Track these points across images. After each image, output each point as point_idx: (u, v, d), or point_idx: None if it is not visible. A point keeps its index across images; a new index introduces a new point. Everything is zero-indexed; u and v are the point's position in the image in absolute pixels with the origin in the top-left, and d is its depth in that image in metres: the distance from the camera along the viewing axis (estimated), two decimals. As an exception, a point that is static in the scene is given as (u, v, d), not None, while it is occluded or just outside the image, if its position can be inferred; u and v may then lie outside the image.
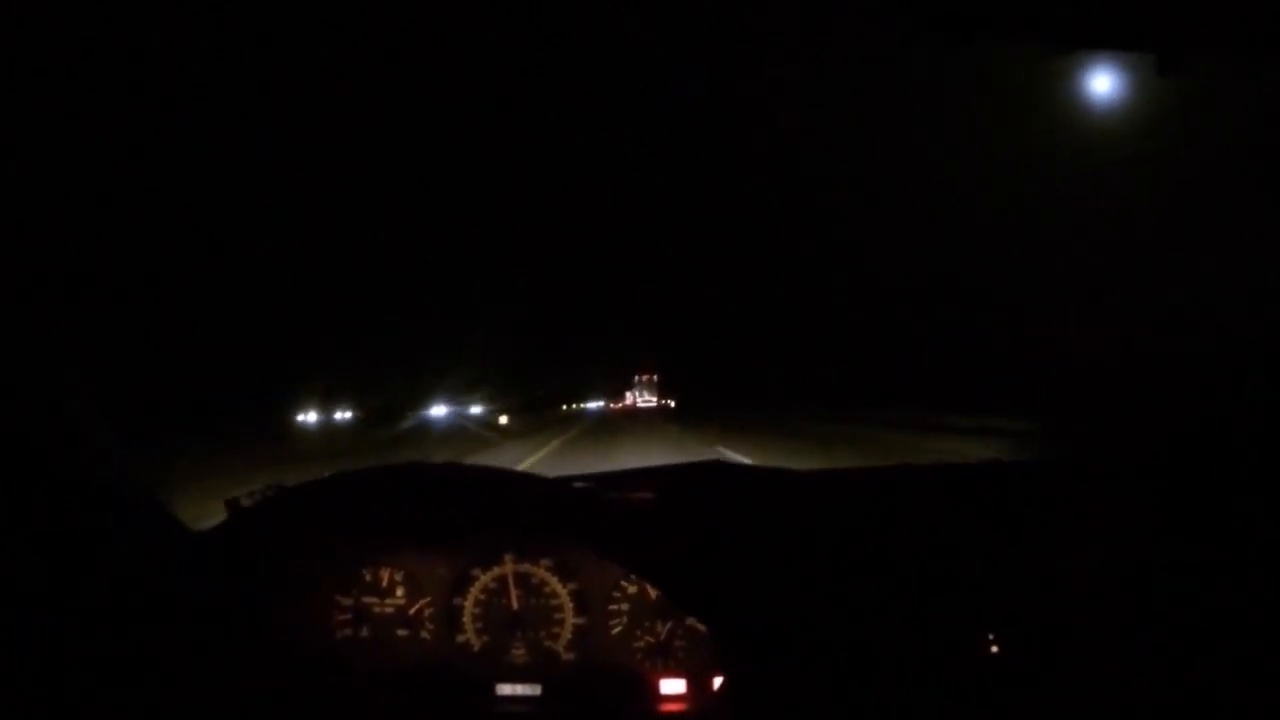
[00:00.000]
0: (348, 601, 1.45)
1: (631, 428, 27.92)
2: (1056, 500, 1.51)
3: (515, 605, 1.43)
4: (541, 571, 1.43)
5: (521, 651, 1.43)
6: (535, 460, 14.33)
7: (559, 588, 1.43)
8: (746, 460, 11.95)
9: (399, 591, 1.45)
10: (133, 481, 1.34)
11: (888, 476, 1.76)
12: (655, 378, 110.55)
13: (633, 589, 1.42)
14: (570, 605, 1.42)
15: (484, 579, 1.43)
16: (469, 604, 1.44)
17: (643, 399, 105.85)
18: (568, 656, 1.43)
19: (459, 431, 26.47)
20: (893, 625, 1.27)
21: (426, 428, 29.46)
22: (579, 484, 1.55)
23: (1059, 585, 1.33)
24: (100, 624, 1.19)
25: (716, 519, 1.41)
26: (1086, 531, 1.40)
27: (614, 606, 1.42)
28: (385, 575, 1.45)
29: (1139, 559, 1.34)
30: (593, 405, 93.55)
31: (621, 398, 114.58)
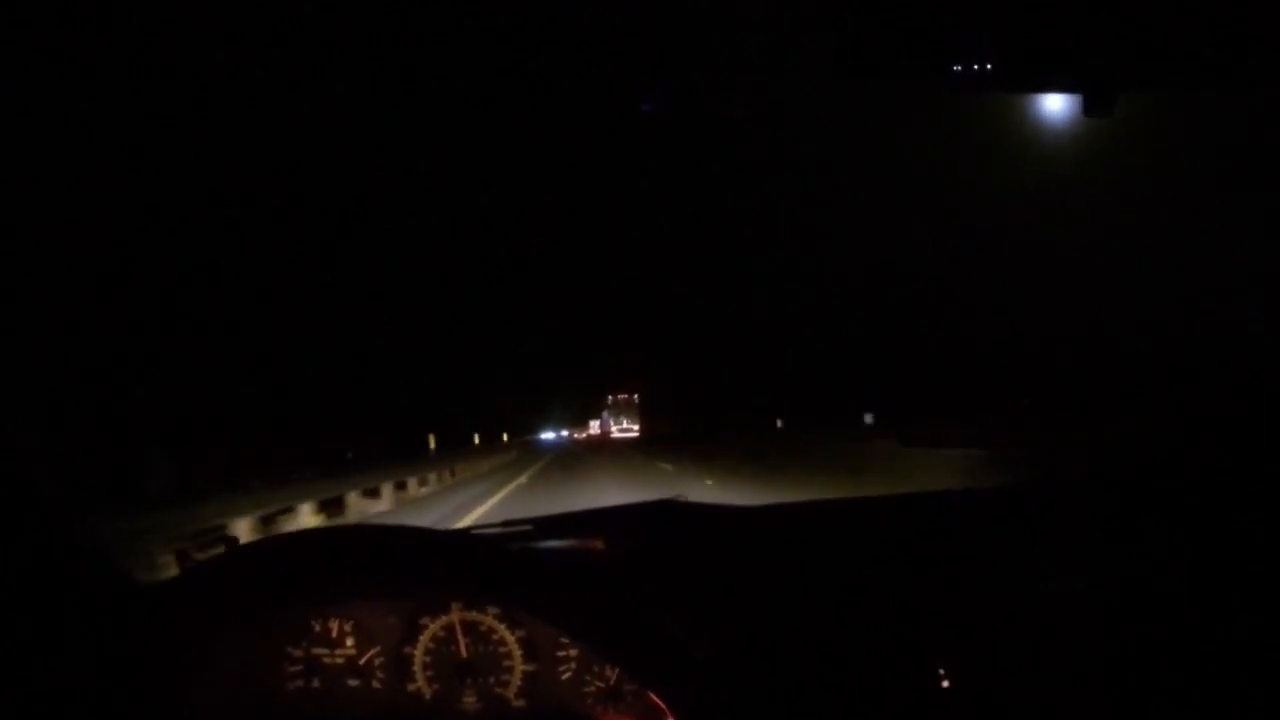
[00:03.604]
0: (298, 653, 1.46)
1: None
2: (1009, 532, 1.53)
3: (464, 653, 1.43)
4: (489, 619, 1.44)
5: (472, 699, 1.43)
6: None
7: (507, 635, 1.43)
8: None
9: (349, 641, 1.45)
10: (81, 532, 1.35)
11: (840, 510, 1.77)
12: (635, 398, 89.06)
13: None
14: (519, 652, 1.43)
15: (433, 627, 1.44)
16: (419, 652, 1.44)
17: (619, 426, 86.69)
18: (518, 703, 1.43)
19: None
20: (844, 662, 1.28)
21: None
22: (525, 529, 1.57)
23: (1010, 618, 1.34)
24: (45, 678, 1.20)
25: (668, 564, 1.43)
26: (1039, 564, 1.42)
27: (562, 653, 1.43)
28: (335, 626, 1.46)
29: (1092, 593, 1.36)
30: (549, 436, 77.48)
31: (585, 426, 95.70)
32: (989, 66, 1.25)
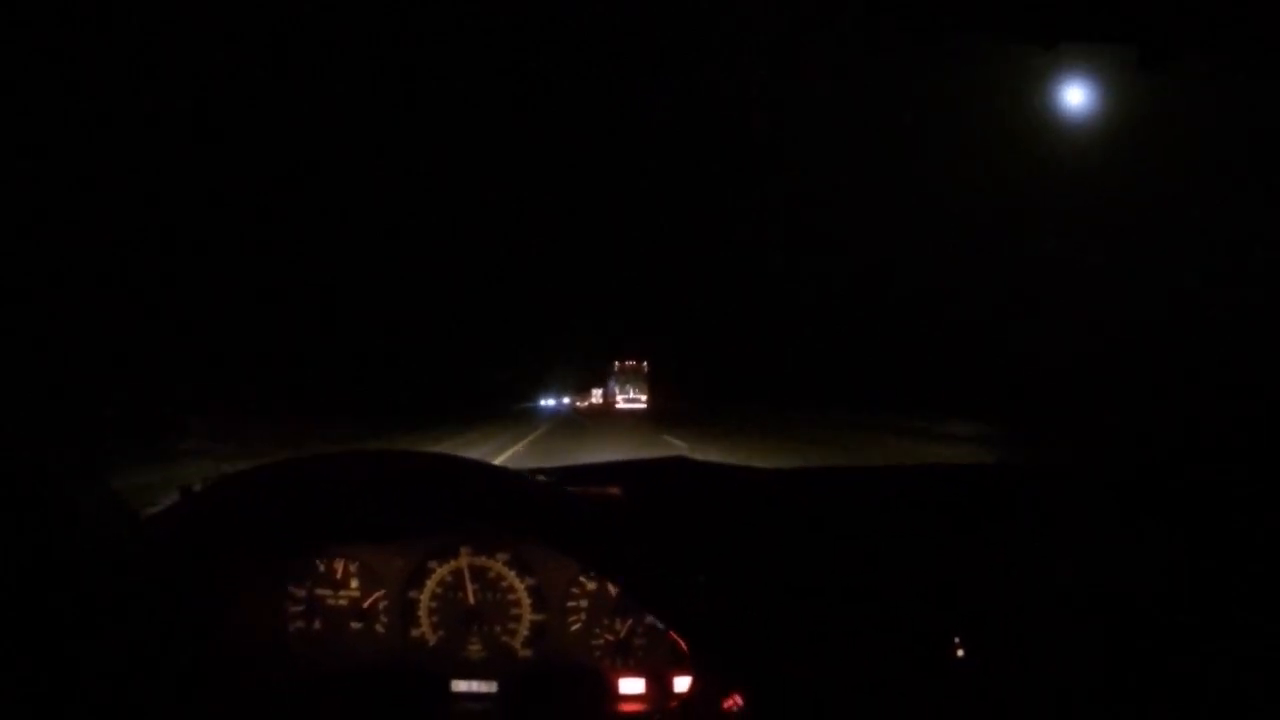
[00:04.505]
0: (300, 593, 1.42)
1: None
2: (1026, 506, 1.51)
3: (472, 600, 1.40)
4: (499, 565, 1.40)
5: (478, 647, 1.40)
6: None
7: (516, 583, 1.40)
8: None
9: (353, 583, 1.42)
10: (76, 465, 1.32)
11: (855, 477, 1.74)
12: (645, 365, 79.56)
13: (592, 585, 1.39)
14: (528, 601, 1.40)
15: (440, 572, 1.40)
16: (425, 597, 1.41)
17: (625, 396, 76.44)
18: (525, 653, 1.40)
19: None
20: (860, 627, 1.25)
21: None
22: (540, 477, 1.53)
23: (1025, 590, 1.32)
24: (44, 610, 1.16)
25: (683, 516, 1.39)
26: (1055, 538, 1.39)
27: (572, 603, 1.39)
28: (339, 566, 1.42)
29: (1106, 568, 1.34)
30: (549, 403, 71.10)
31: (587, 394, 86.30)
32: (1044, 15, 1.21)
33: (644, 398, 73.79)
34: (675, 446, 14.61)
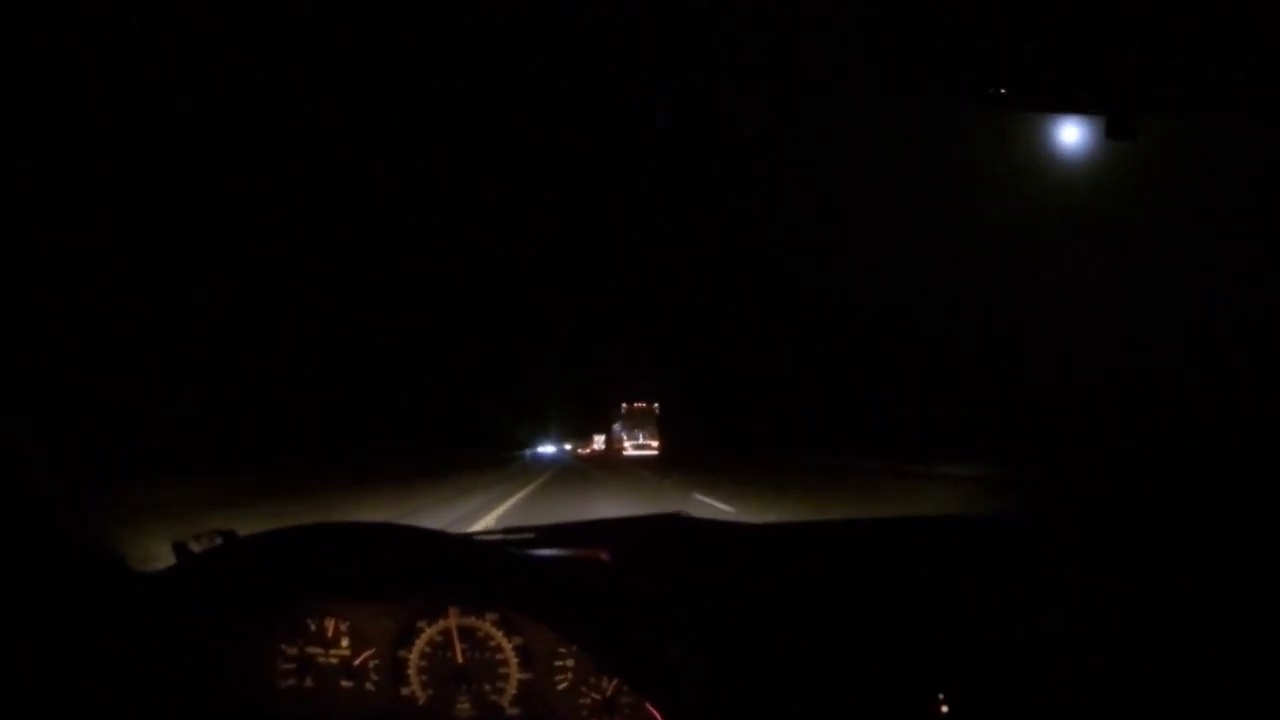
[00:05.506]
0: (292, 651, 1.44)
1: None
2: (1011, 562, 1.52)
3: (460, 659, 1.42)
4: (486, 625, 1.42)
5: (466, 705, 1.42)
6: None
7: (504, 642, 1.42)
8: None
9: (344, 642, 1.44)
10: (79, 519, 1.34)
11: (846, 531, 1.76)
12: (656, 407, 73.90)
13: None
14: (515, 660, 1.41)
15: (429, 632, 1.43)
16: (414, 656, 1.43)
17: (634, 441, 70.92)
18: (512, 711, 1.41)
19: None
20: (845, 685, 1.27)
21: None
22: (528, 537, 1.55)
23: (1010, 647, 1.33)
24: (40, 663, 1.18)
25: (671, 579, 1.41)
26: (1041, 595, 1.41)
27: (559, 662, 1.41)
28: (330, 625, 1.44)
29: (1093, 624, 1.35)
30: (548, 450, 64.72)
31: (589, 440, 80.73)
32: (1013, 87, 1.24)
33: (655, 443, 68.75)
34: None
